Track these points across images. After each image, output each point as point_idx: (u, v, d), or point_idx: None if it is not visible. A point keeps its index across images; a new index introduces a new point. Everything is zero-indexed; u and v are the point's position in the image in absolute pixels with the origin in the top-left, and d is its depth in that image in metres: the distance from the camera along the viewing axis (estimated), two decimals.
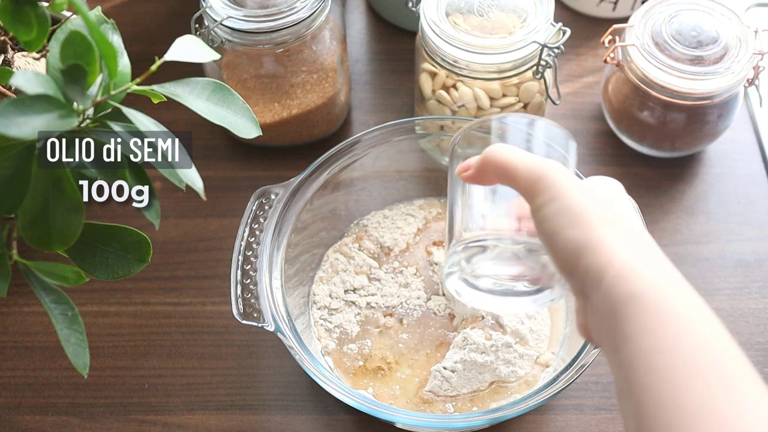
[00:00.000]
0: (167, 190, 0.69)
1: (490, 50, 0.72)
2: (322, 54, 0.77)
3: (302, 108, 0.79)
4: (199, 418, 0.70)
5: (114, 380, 0.72)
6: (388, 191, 0.78)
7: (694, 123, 0.78)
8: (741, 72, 0.75)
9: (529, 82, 0.75)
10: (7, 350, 0.73)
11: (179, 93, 0.45)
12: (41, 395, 0.71)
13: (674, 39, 0.76)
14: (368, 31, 0.94)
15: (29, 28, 0.45)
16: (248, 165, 0.84)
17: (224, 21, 0.72)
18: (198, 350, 0.73)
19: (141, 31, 0.92)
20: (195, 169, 0.43)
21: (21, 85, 0.40)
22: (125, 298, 0.76)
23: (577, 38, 0.90)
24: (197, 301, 0.76)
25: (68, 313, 0.46)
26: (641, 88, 0.77)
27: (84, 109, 0.43)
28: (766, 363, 0.72)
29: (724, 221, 0.80)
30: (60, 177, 0.42)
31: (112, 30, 0.47)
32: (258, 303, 0.64)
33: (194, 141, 0.83)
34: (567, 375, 0.61)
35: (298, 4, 0.73)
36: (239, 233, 0.67)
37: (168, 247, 0.79)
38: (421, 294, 0.72)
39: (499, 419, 0.60)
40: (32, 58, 0.75)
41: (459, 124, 0.73)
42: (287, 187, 0.70)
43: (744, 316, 0.75)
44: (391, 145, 0.74)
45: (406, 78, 0.89)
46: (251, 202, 0.69)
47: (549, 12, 0.73)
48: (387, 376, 0.69)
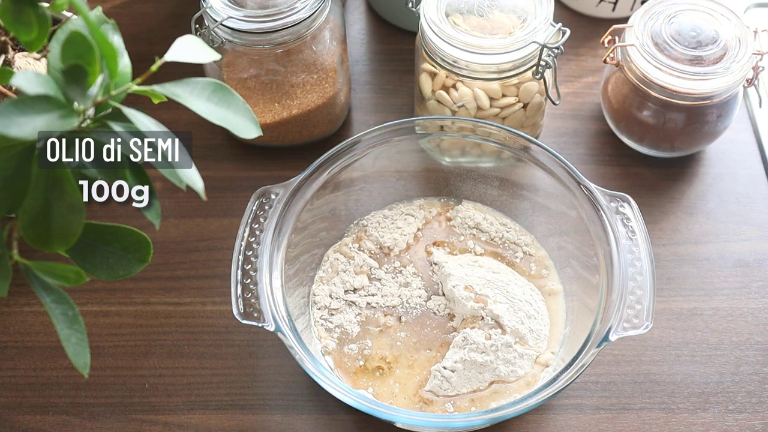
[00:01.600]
0: (167, 190, 0.69)
1: (489, 50, 0.72)
2: (322, 54, 0.77)
3: (302, 108, 0.80)
4: (200, 418, 0.70)
5: (114, 380, 0.72)
6: (388, 191, 0.78)
7: (693, 123, 0.78)
8: (740, 72, 0.75)
9: (528, 83, 0.75)
10: (8, 350, 0.74)
11: (179, 93, 0.45)
12: (42, 395, 0.71)
13: (674, 39, 0.76)
14: (368, 31, 0.94)
15: (30, 29, 0.45)
16: (248, 165, 0.84)
17: (224, 21, 0.72)
18: (198, 350, 0.74)
19: (141, 31, 0.92)
20: (195, 169, 0.43)
21: (21, 86, 0.40)
22: (125, 298, 0.76)
23: (576, 38, 0.90)
24: (197, 301, 0.76)
25: (69, 312, 0.46)
26: (641, 89, 0.77)
27: (84, 109, 0.43)
28: (765, 363, 0.73)
29: (724, 221, 0.80)
30: (60, 177, 0.42)
31: (112, 30, 0.47)
32: (258, 303, 0.64)
33: (194, 141, 0.83)
34: (567, 375, 0.61)
35: (298, 5, 0.73)
36: (239, 233, 0.67)
37: (168, 247, 0.79)
38: (422, 293, 0.72)
39: (499, 419, 0.60)
40: (33, 59, 0.75)
41: (459, 124, 0.73)
42: (287, 187, 0.70)
43: (744, 316, 0.75)
44: (391, 145, 0.74)
45: (406, 78, 0.89)
46: (251, 202, 0.69)
47: (549, 12, 0.73)
48: (387, 375, 0.69)
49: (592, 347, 0.62)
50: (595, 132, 0.86)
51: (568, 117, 0.87)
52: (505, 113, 0.76)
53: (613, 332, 0.62)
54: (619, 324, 0.62)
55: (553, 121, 0.86)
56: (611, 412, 0.70)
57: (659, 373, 0.72)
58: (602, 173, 0.83)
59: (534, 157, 0.72)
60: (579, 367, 0.61)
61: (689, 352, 0.73)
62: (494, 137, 0.73)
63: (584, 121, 0.87)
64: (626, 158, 0.84)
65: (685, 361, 0.73)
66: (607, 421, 0.70)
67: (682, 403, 0.71)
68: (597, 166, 0.83)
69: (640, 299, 0.63)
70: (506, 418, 0.61)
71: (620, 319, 0.62)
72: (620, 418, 0.70)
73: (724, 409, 0.70)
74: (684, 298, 0.76)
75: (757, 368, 0.72)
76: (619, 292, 0.64)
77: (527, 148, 0.72)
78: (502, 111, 0.76)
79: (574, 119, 0.87)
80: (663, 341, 0.74)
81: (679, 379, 0.72)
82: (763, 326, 0.74)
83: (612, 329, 0.62)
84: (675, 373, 0.72)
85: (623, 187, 0.81)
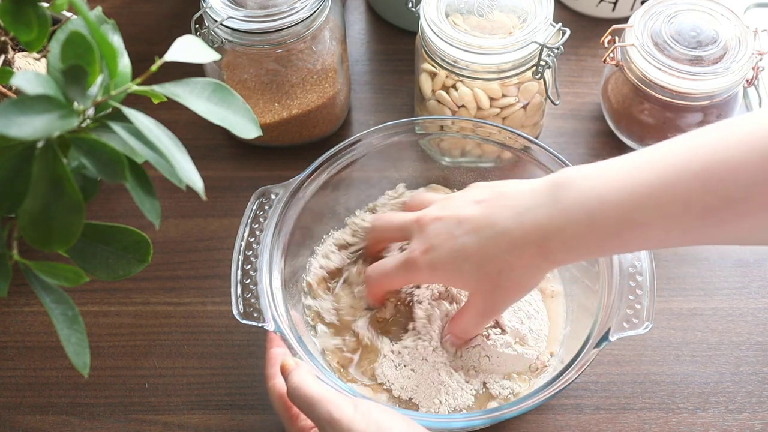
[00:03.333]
0: (167, 190, 0.69)
1: (489, 50, 0.72)
2: (322, 54, 0.77)
3: (302, 108, 0.80)
4: (199, 418, 0.70)
5: (114, 380, 0.72)
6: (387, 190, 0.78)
7: (693, 123, 0.78)
8: (740, 72, 0.75)
9: (528, 83, 0.75)
10: (8, 350, 0.74)
11: (179, 93, 0.45)
12: (42, 395, 0.71)
13: (674, 39, 0.76)
14: (368, 31, 0.94)
15: (30, 29, 0.45)
16: (248, 165, 0.84)
17: (224, 21, 0.72)
18: (198, 350, 0.74)
19: (141, 31, 0.92)
20: (195, 169, 0.43)
21: (21, 86, 0.40)
22: (125, 298, 0.76)
23: (576, 38, 0.90)
24: (197, 301, 0.76)
25: (69, 312, 0.46)
26: (641, 89, 0.77)
27: (84, 109, 0.43)
28: (765, 363, 0.73)
29: None
30: (60, 177, 0.41)
31: (112, 30, 0.47)
32: (258, 303, 0.64)
33: (194, 141, 0.84)
34: (567, 375, 0.61)
35: (298, 5, 0.73)
36: (239, 233, 0.67)
37: (168, 247, 0.79)
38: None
39: (499, 419, 0.60)
40: (33, 59, 0.75)
41: (459, 124, 0.73)
42: (287, 187, 0.70)
43: (743, 316, 0.75)
44: (391, 145, 0.74)
45: (406, 78, 0.89)
46: (251, 202, 0.69)
47: (548, 12, 0.73)
48: None
49: (591, 347, 0.62)
50: (596, 132, 0.86)
51: (568, 117, 0.87)
52: (505, 113, 0.76)
53: (613, 332, 0.62)
54: (619, 324, 0.62)
55: (553, 121, 0.86)
56: (611, 412, 0.70)
57: (659, 373, 0.72)
58: None
59: (534, 157, 0.72)
60: (579, 367, 0.61)
61: (689, 352, 0.73)
62: (493, 137, 0.73)
63: (584, 121, 0.87)
64: None
65: (685, 361, 0.73)
66: (607, 421, 0.70)
67: (682, 403, 0.71)
68: None
69: (640, 299, 0.63)
70: (506, 418, 0.61)
71: (620, 319, 0.62)
72: (620, 418, 0.70)
73: (724, 409, 0.70)
74: (684, 298, 0.76)
75: (757, 368, 0.72)
76: (619, 292, 0.64)
77: (527, 149, 0.72)
78: (502, 111, 0.76)
79: (574, 119, 0.87)
80: (663, 341, 0.74)
81: (679, 379, 0.72)
82: (763, 326, 0.74)
83: (612, 329, 0.62)
84: (675, 373, 0.72)
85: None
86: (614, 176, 0.54)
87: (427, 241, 0.62)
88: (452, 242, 0.61)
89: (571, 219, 0.55)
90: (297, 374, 0.57)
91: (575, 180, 0.56)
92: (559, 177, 0.57)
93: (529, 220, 0.57)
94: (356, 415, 0.53)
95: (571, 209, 0.55)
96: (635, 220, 0.53)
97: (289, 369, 0.58)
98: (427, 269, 0.62)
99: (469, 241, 0.60)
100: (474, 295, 0.63)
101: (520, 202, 0.58)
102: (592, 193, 0.54)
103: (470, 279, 0.60)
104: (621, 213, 0.53)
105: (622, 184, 0.54)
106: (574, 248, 0.56)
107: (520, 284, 0.60)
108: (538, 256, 0.57)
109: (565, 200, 0.55)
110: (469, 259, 0.60)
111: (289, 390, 0.57)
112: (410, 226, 0.64)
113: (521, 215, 0.57)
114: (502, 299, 0.61)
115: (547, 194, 0.57)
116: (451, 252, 0.60)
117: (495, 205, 0.59)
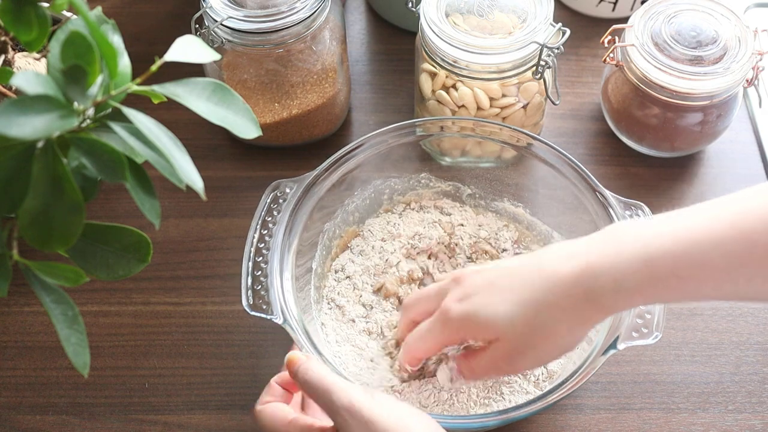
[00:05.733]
0: (167, 190, 0.69)
1: (489, 50, 0.72)
2: (322, 54, 0.77)
3: (302, 108, 0.80)
4: (199, 418, 0.70)
5: (114, 380, 0.72)
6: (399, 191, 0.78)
7: (693, 123, 0.78)
8: (740, 72, 0.75)
9: (528, 83, 0.75)
10: (8, 350, 0.74)
11: (179, 93, 0.45)
12: (41, 395, 0.71)
13: (674, 39, 0.76)
14: (368, 31, 0.94)
15: (30, 29, 0.45)
16: (248, 165, 0.84)
17: (224, 21, 0.72)
18: (198, 350, 0.74)
19: (141, 31, 0.92)
20: (195, 169, 0.43)
21: (21, 86, 0.40)
22: (125, 298, 0.76)
23: (576, 38, 0.90)
24: (197, 301, 0.76)
25: (68, 312, 0.46)
26: (641, 89, 0.77)
27: (84, 109, 0.43)
28: (765, 363, 0.73)
29: None
30: (60, 177, 0.41)
31: (112, 30, 0.47)
32: (267, 295, 0.64)
33: (194, 141, 0.84)
34: (575, 379, 0.61)
35: (298, 5, 0.73)
36: (252, 225, 0.68)
37: (168, 247, 0.79)
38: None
39: (514, 419, 0.61)
40: (33, 59, 0.75)
41: (459, 124, 0.73)
42: (300, 182, 0.70)
43: (744, 316, 0.75)
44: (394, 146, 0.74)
45: (406, 78, 0.89)
46: (266, 195, 0.69)
47: (549, 12, 0.73)
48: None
49: (599, 354, 0.62)
50: (596, 132, 0.86)
51: (568, 117, 0.87)
52: (505, 113, 0.76)
53: (621, 341, 0.61)
54: (628, 333, 0.62)
55: (553, 121, 0.86)
56: (611, 412, 0.70)
57: (659, 373, 0.72)
58: (602, 173, 0.82)
59: (536, 154, 0.72)
60: (585, 374, 0.61)
61: (689, 352, 0.73)
62: (495, 135, 0.73)
63: (584, 121, 0.87)
64: (626, 158, 0.84)
65: (685, 361, 0.73)
66: (607, 421, 0.70)
67: (682, 403, 0.71)
68: (597, 166, 0.83)
69: (651, 309, 0.63)
70: (520, 418, 0.61)
71: (629, 328, 0.62)
72: (620, 418, 0.70)
73: (724, 409, 0.70)
74: None
75: (757, 368, 0.72)
76: None
77: (530, 145, 0.72)
78: (502, 111, 0.76)
79: (574, 119, 0.87)
80: (663, 341, 0.73)
81: (679, 379, 0.72)
82: (763, 326, 0.74)
83: (620, 337, 0.61)
84: (675, 373, 0.72)
85: (623, 186, 0.81)
86: (664, 220, 0.53)
87: (463, 291, 0.59)
88: (491, 287, 0.57)
89: (623, 256, 0.53)
90: (311, 363, 0.56)
91: (629, 225, 0.55)
92: (611, 226, 0.56)
93: (578, 261, 0.54)
94: (374, 403, 0.53)
95: (625, 248, 0.53)
96: (692, 258, 0.51)
97: (298, 361, 0.57)
98: (460, 319, 0.58)
99: (510, 283, 0.56)
100: (500, 341, 0.57)
101: (571, 249, 0.56)
102: (647, 231, 0.53)
103: (504, 318, 0.56)
104: (678, 249, 0.51)
105: (679, 224, 0.52)
106: (625, 290, 0.53)
107: (555, 331, 0.55)
108: (584, 300, 0.54)
109: (619, 241, 0.54)
110: (507, 298, 0.56)
111: (303, 378, 0.56)
112: (448, 285, 0.60)
113: (571, 257, 0.55)
114: (530, 348, 0.57)
115: (599, 238, 0.55)
116: (487, 294, 0.57)
117: (544, 253, 0.57)
